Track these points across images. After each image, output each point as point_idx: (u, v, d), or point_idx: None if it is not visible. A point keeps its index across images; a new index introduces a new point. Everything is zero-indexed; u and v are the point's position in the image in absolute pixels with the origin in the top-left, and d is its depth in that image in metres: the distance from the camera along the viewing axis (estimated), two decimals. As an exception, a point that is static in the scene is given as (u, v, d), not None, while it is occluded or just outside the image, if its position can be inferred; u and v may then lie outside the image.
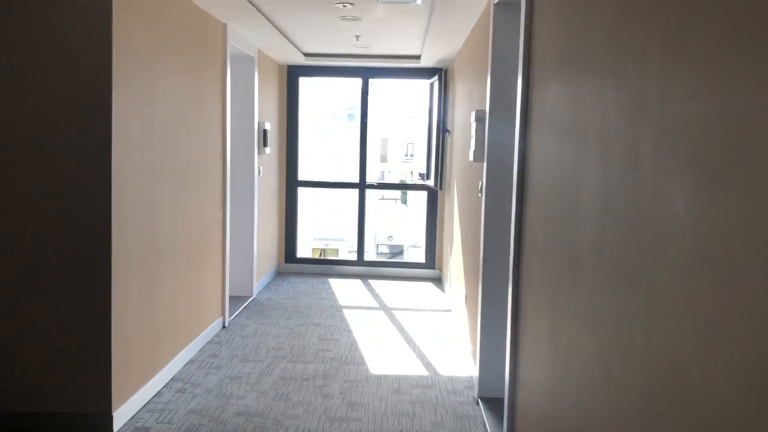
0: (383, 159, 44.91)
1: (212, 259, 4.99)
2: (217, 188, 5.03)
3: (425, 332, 5.36)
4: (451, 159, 6.62)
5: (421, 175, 49.50)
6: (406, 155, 49.19)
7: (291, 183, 7.65)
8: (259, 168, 6.44)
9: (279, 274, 7.57)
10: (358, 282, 7.29)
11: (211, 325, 5.05)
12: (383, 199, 39.33)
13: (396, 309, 6.12)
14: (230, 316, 5.56)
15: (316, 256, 28.95)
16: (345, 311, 5.96)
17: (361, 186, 7.80)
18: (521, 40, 2.80)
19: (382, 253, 31.02)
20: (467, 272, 4.96)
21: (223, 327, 5.30)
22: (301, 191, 9.66)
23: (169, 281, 4.10)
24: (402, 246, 30.72)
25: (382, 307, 6.19)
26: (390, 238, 31.34)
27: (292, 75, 7.49)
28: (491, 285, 3.90)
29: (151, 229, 3.76)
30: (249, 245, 6.24)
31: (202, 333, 4.83)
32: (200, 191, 4.63)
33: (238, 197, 6.15)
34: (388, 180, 45.88)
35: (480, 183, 4.18)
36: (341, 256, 27.70)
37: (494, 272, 3.89)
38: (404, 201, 39.37)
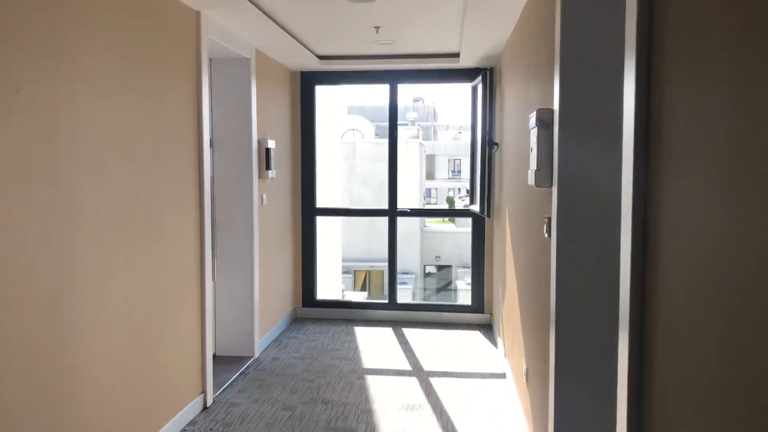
0: (429, 176, 43.53)
1: (183, 322, 3.76)
2: (187, 228, 3.80)
3: (474, 414, 3.97)
4: (500, 179, 5.25)
5: (467, 191, 47.76)
6: (453, 171, 47.67)
7: (307, 212, 6.40)
8: (261, 196, 5.21)
9: (295, 321, 6.31)
10: (388, 331, 5.95)
11: (187, 407, 3.80)
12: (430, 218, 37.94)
13: (434, 373, 4.75)
14: (217, 391, 4.31)
15: (361, 280, 27.68)
16: (368, 378, 4.63)
17: (391, 213, 6.49)
18: (632, 16, 1.47)
19: (430, 274, 29.56)
20: (527, 335, 3.58)
21: (204, 408, 4.05)
22: (325, 220, 8.39)
23: (90, 379, 2.86)
24: (450, 267, 29.21)
25: (416, 370, 4.83)
26: (437, 258, 29.88)
27: (306, 83, 6.27)
28: (569, 363, 2.53)
29: (51, 307, 2.53)
30: (247, 293, 4.99)
31: (172, 420, 3.58)
32: (156, 235, 3.40)
33: (231, 234, 4.92)
34: (434, 199, 44.44)
35: (546, 219, 2.82)
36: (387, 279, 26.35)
37: (574, 347, 2.52)
38: (452, 219, 37.90)
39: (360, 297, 12.96)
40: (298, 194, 6.36)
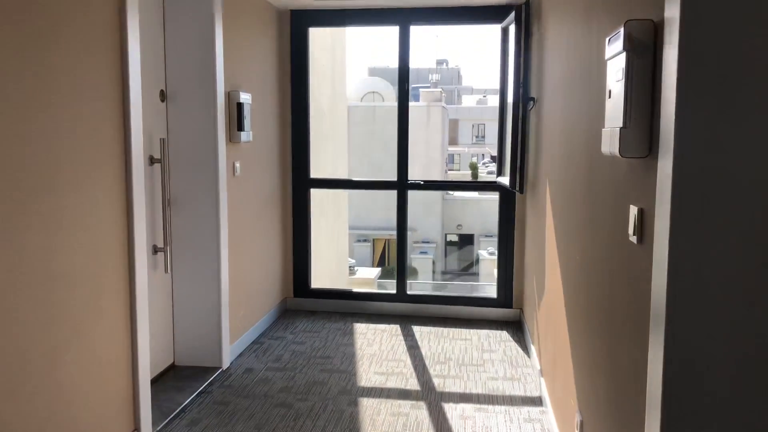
0: (453, 141, 41.84)
1: (98, 338, 2.70)
2: (104, 210, 2.72)
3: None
4: (537, 145, 4.08)
5: (492, 158, 46.98)
6: (477, 137, 45.93)
7: (299, 183, 5.28)
8: (232, 164, 4.11)
9: (284, 315, 5.25)
10: (395, 330, 4.87)
11: (110, 452, 2.78)
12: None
13: (449, 397, 3.67)
14: (161, 423, 3.28)
15: (380, 249, 26.51)
16: (363, 402, 3.57)
17: (401, 186, 5.36)
18: None
19: (451, 242, 28.35)
20: (583, 376, 2.46)
21: (138, 450, 3.02)
22: (328, 192, 7.34)
23: None
24: (473, 236, 27.95)
25: (426, 391, 3.75)
26: (459, 227, 28.64)
27: (297, 24, 5.09)
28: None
29: None
30: (212, 288, 3.93)
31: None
32: (44, 224, 2.32)
33: (191, 212, 3.85)
34: (457, 165, 42.70)
35: (637, 211, 1.67)
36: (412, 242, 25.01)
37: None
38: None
39: (373, 273, 11.90)
40: (287, 162, 5.24)
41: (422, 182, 5.46)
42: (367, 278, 10.82)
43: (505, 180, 4.78)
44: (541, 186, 3.94)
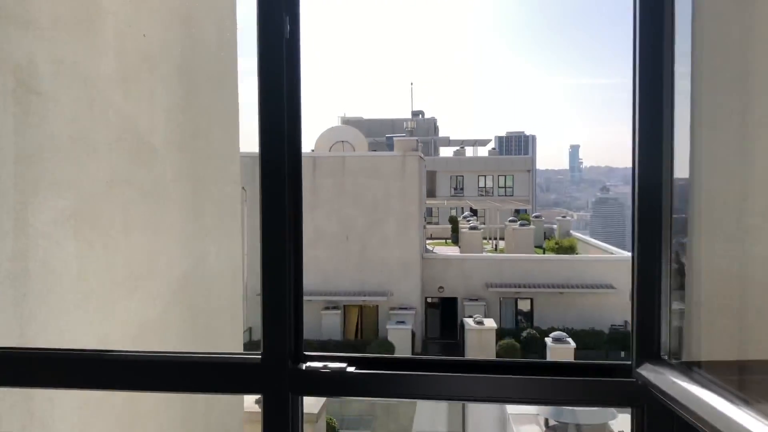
0: (431, 194, 39.06)
1: None
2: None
3: None
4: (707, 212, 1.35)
5: (472, 211, 44.00)
6: (455, 189, 43.47)
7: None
8: None
9: None
10: None
11: None
12: (431, 238, 33.70)
13: None
14: None
15: (354, 319, 23.24)
16: None
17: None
18: None
19: (432, 305, 25.34)
20: None
21: None
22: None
23: None
24: (456, 299, 24.92)
25: None
26: (440, 290, 25.73)
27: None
28: None
29: None
30: None
31: None
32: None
33: None
34: (435, 218, 39.55)
35: None
36: (382, 315, 21.18)
37: None
38: (455, 240, 33.73)
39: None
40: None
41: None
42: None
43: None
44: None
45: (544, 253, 29.47)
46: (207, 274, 2.48)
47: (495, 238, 32.82)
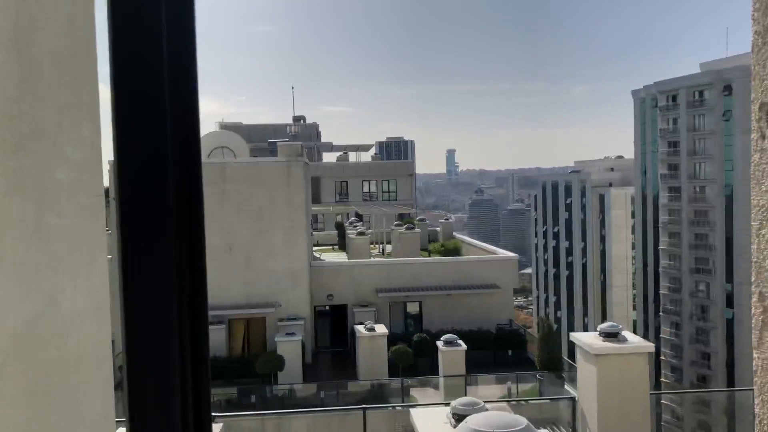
0: (316, 200, 38.38)
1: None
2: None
3: None
4: None
5: (358, 216, 43.84)
6: (340, 194, 43.32)
7: None
8: None
9: None
10: None
11: None
12: (318, 245, 33.08)
13: None
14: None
15: (240, 333, 21.99)
16: None
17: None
18: None
19: (322, 313, 24.75)
20: None
21: None
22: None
23: None
24: (346, 306, 24.55)
25: None
26: (330, 298, 25.24)
27: None
28: None
29: None
30: None
31: None
32: None
33: None
34: (321, 224, 39.11)
35: None
36: (270, 328, 19.70)
37: None
38: (343, 246, 33.37)
39: None
40: None
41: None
42: None
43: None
44: None
45: (430, 255, 29.84)
46: (59, 318, 1.83)
47: (382, 243, 32.82)
